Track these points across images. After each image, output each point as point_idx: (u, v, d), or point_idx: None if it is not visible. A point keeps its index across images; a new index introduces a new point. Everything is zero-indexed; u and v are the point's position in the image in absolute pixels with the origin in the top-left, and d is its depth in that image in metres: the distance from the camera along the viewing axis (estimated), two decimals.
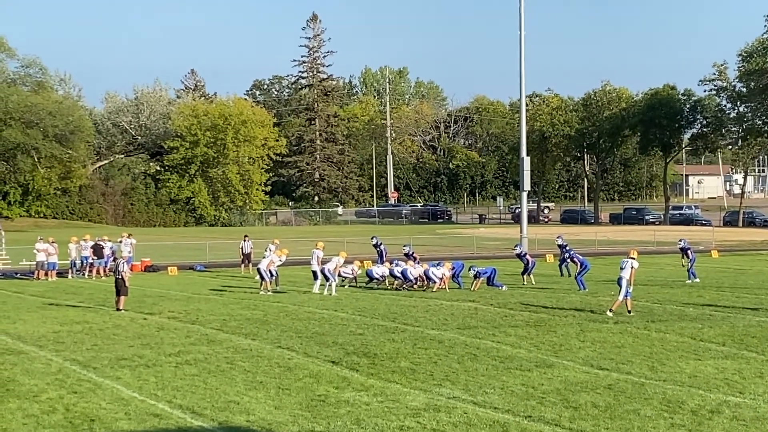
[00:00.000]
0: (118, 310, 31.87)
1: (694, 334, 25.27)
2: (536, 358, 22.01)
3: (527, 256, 42.76)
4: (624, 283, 28.83)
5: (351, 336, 25.56)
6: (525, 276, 41.91)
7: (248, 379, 19.84)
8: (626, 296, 29.08)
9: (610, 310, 29.01)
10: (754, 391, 18.27)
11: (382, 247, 48.10)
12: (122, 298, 32.33)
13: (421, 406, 17.36)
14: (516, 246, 46.62)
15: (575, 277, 38.87)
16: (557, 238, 45.65)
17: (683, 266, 42.29)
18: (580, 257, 40.57)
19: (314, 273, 37.94)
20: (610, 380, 19.38)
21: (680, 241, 43.02)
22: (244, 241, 52.67)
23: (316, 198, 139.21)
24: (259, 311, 31.45)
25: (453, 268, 39.35)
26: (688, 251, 41.91)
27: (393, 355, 22.51)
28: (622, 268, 29.11)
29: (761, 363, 21.18)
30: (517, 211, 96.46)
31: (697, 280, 40.65)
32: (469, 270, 39.14)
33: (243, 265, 51.61)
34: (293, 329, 26.99)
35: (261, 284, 38.68)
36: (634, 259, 29.44)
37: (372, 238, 50.03)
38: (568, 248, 43.67)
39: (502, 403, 17.52)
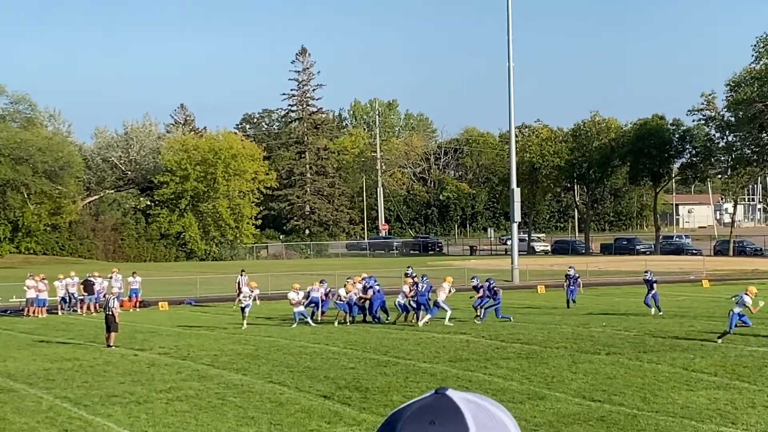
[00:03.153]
0: (108, 346, 31.77)
1: (686, 364, 25.23)
2: (528, 390, 21.95)
3: (495, 289, 39.79)
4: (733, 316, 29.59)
5: (342, 370, 25.49)
6: (480, 308, 39.30)
7: (240, 415, 19.76)
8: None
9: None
10: (746, 422, 18.24)
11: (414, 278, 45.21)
12: (113, 334, 32.24)
13: None
14: (473, 278, 43.88)
15: (483, 307, 38.65)
16: (569, 268, 45.61)
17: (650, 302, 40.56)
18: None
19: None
20: (602, 412, 19.33)
21: (646, 272, 41.73)
22: (241, 275, 52.44)
23: (307, 231, 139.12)
24: (250, 346, 31.37)
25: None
26: (653, 284, 40.52)
27: (385, 388, 22.44)
28: (736, 303, 29.94)
29: (753, 393, 21.15)
30: (508, 242, 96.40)
31: (660, 312, 39.70)
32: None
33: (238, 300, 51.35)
34: (284, 364, 26.91)
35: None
36: (747, 295, 30.17)
37: (408, 268, 49.51)
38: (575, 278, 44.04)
39: None
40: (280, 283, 61.97)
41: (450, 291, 37.48)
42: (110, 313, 32.61)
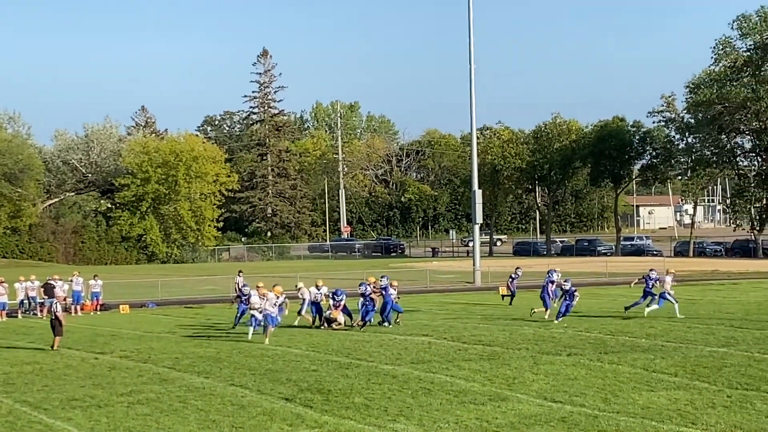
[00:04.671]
0: (53, 349, 31.76)
1: (647, 365, 25.36)
2: (490, 391, 22.00)
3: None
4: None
5: (305, 372, 25.45)
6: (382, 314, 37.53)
7: (201, 418, 19.69)
8: None
9: None
10: (706, 422, 18.35)
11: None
12: (57, 338, 32.21)
13: None
14: (381, 278, 39.88)
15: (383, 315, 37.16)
16: (565, 281, 39.26)
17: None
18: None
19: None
20: (563, 413, 19.40)
21: (566, 281, 38.75)
22: (239, 275, 52.03)
23: (269, 233, 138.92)
24: (212, 349, 31.27)
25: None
26: (574, 294, 38.88)
27: (347, 391, 22.43)
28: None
29: (713, 393, 21.28)
30: (470, 244, 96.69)
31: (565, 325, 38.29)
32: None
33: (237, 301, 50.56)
34: (246, 366, 26.84)
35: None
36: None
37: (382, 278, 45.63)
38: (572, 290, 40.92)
39: None
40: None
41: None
42: (55, 317, 32.63)
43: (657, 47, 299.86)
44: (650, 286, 39.96)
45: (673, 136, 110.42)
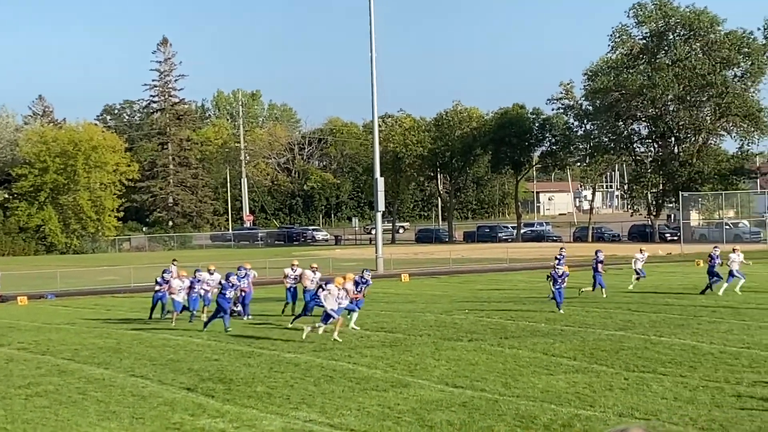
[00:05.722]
0: None
1: (546, 349, 25.67)
2: (392, 378, 22.09)
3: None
4: None
5: (206, 362, 25.32)
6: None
7: (101, 410, 19.48)
8: None
9: None
10: (604, 404, 18.62)
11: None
12: None
13: (277, 430, 17.28)
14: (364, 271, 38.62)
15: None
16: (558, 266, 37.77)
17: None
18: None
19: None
20: (464, 398, 19.55)
21: (559, 264, 38.25)
22: (173, 264, 51.38)
23: (171, 223, 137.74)
24: (111, 340, 30.94)
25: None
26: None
27: (249, 379, 22.36)
28: None
29: (611, 376, 21.61)
30: (372, 231, 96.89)
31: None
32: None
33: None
34: (147, 357, 26.62)
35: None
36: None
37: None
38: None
39: (358, 424, 17.53)
40: (143, 275, 61.30)
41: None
42: None
43: (556, 35, 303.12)
44: (714, 266, 40.99)
45: (572, 123, 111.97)
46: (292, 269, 37.77)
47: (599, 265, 41.21)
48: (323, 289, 29.12)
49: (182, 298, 35.87)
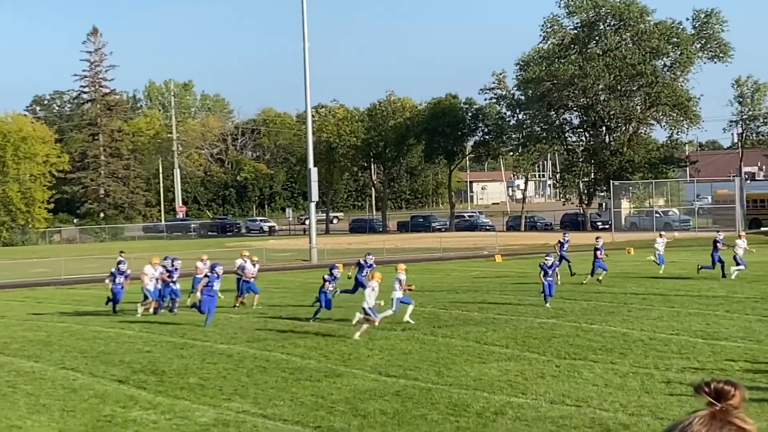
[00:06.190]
0: None
1: (479, 337, 25.81)
2: (326, 368, 22.10)
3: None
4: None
5: (138, 354, 25.16)
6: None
7: (31, 403, 19.29)
8: None
9: None
10: (535, 392, 18.76)
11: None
12: None
13: (210, 421, 17.21)
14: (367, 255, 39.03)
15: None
16: (547, 256, 35.39)
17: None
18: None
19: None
20: (398, 387, 19.60)
21: (548, 256, 35.14)
22: (120, 255, 50.86)
23: (102, 214, 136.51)
24: (42, 332, 30.63)
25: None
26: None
27: (181, 371, 22.25)
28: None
29: (542, 363, 21.78)
30: (306, 222, 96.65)
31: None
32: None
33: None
34: (78, 349, 26.39)
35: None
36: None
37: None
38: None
39: (291, 414, 17.52)
40: (73, 267, 60.80)
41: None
42: None
43: (488, 25, 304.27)
44: (718, 250, 41.36)
45: (505, 113, 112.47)
46: (243, 260, 37.75)
47: (598, 252, 41.44)
48: (370, 287, 27.90)
49: (153, 287, 35.36)
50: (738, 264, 40.35)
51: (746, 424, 3.09)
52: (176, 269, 36.31)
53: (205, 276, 31.14)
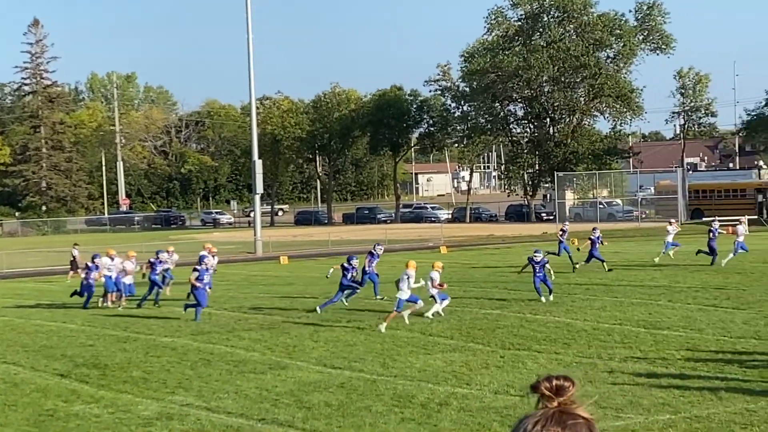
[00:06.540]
0: None
1: (424, 329, 25.85)
2: (270, 360, 22.04)
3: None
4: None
5: (81, 348, 24.94)
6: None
7: None
8: None
9: None
10: (480, 382, 18.81)
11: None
12: None
13: (153, 415, 17.10)
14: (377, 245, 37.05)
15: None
16: (536, 252, 32.82)
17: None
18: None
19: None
20: (342, 378, 19.59)
21: (536, 252, 32.52)
22: (74, 248, 50.84)
23: (44, 207, 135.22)
24: None
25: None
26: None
27: (124, 364, 22.10)
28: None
29: (487, 354, 21.85)
30: (251, 214, 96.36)
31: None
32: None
33: (72, 273, 49.34)
34: (19, 343, 26.13)
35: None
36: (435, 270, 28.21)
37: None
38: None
39: (235, 407, 17.45)
40: (15, 261, 60.23)
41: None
42: None
43: (433, 17, 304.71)
44: (713, 238, 41.78)
45: (450, 105, 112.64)
46: (207, 252, 37.56)
47: (594, 242, 41.81)
48: (405, 275, 27.26)
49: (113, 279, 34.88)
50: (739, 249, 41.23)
51: (589, 416, 3.10)
52: (160, 261, 36.01)
53: (194, 270, 30.68)
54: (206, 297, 30.24)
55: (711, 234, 42.07)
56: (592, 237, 42.07)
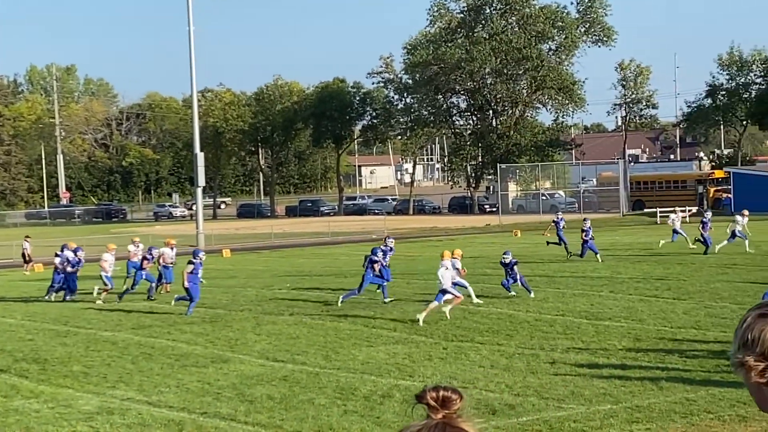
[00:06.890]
0: None
1: (367, 321, 25.84)
2: (212, 354, 21.93)
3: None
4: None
5: (20, 342, 24.68)
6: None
7: None
8: None
9: None
10: (423, 374, 18.84)
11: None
12: None
13: (93, 409, 16.95)
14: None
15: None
16: (505, 254, 31.56)
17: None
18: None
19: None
20: (285, 372, 19.53)
21: (506, 254, 31.17)
22: (25, 241, 50.62)
23: None
24: None
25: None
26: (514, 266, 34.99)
27: (65, 359, 21.89)
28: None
29: (430, 346, 21.89)
30: (193, 207, 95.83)
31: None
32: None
33: (28, 266, 49.97)
34: None
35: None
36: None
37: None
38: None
39: (177, 401, 17.34)
40: None
41: None
42: None
43: (376, 8, 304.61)
44: (706, 229, 42.46)
45: (392, 97, 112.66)
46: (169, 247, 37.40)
47: (584, 234, 41.86)
48: (443, 266, 26.75)
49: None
50: (736, 237, 42.33)
51: (474, 429, 3.08)
52: (153, 257, 35.69)
53: (190, 263, 30.25)
54: (198, 291, 29.86)
55: (703, 226, 42.88)
56: (556, 219, 43.23)
